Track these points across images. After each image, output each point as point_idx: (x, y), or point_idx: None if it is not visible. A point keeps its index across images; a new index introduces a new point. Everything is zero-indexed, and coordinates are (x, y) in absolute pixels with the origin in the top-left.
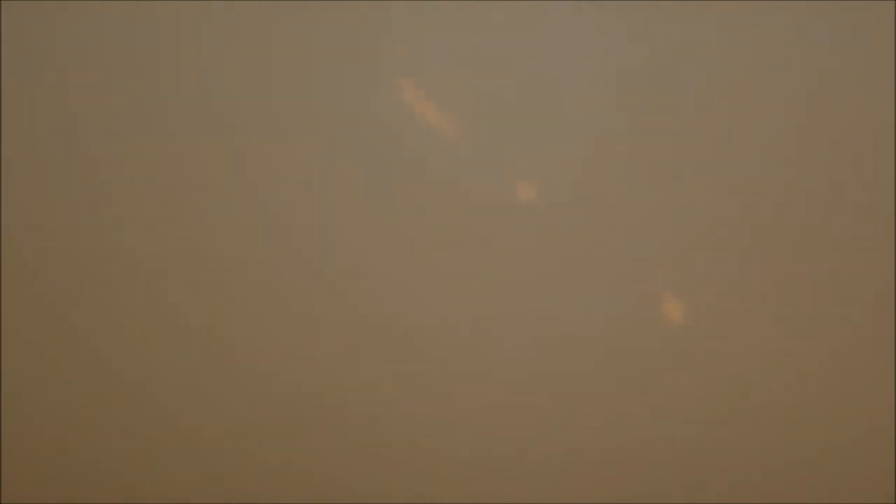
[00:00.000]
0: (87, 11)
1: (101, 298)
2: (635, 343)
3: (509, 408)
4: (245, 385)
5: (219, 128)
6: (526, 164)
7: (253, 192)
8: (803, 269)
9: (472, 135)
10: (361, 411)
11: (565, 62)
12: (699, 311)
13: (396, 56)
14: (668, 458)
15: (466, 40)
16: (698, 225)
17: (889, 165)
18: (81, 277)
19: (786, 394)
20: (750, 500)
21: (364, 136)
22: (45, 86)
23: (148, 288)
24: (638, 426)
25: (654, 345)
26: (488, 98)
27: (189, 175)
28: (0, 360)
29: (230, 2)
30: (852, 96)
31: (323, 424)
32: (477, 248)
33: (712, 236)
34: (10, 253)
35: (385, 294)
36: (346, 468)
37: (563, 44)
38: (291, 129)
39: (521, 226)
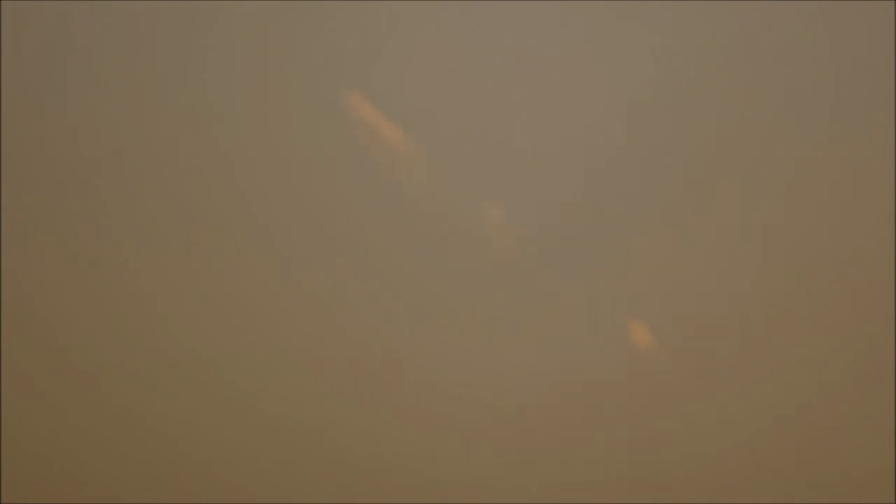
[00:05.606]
0: (88, 11)
1: (101, 300)
2: (605, 369)
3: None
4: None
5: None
6: (491, 187)
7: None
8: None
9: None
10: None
11: (530, 81)
12: (669, 337)
13: (351, 70)
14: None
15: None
16: (669, 250)
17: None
18: (83, 279)
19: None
20: None
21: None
22: (45, 86)
23: (147, 290)
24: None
25: (624, 371)
26: (452, 120)
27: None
28: (0, 361)
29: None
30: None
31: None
32: (440, 275)
33: (683, 263)
34: (10, 254)
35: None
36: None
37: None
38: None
39: (485, 252)
